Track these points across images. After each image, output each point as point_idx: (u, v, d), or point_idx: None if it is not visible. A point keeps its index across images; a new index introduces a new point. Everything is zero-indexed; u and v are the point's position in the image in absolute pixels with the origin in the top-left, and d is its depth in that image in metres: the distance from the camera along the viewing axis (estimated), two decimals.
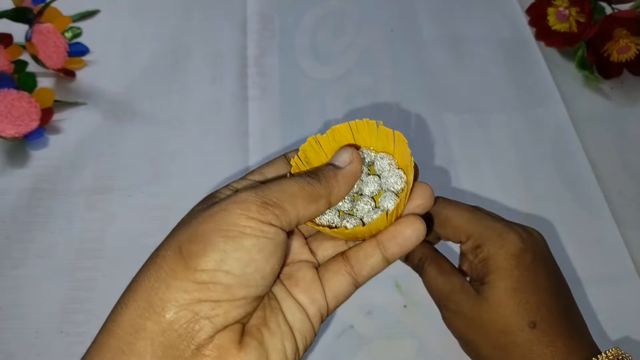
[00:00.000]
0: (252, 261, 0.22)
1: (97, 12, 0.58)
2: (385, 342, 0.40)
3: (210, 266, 0.21)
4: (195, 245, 0.22)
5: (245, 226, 0.22)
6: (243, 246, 0.22)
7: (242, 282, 0.22)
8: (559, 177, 0.48)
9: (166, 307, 0.21)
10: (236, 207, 0.22)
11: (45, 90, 0.48)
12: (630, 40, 0.50)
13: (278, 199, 0.23)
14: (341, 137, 0.29)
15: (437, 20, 0.59)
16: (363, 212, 0.27)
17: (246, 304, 0.22)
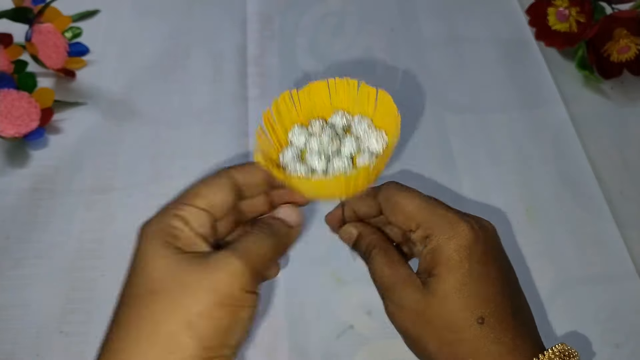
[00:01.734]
0: (245, 332, 0.25)
1: (97, 12, 0.58)
2: (385, 342, 0.40)
3: (218, 342, 0.23)
4: (205, 321, 0.23)
5: (244, 299, 0.24)
6: (242, 319, 0.24)
7: (236, 350, 0.25)
8: (559, 177, 0.48)
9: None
10: (236, 281, 0.24)
11: (45, 90, 0.48)
12: (631, 40, 0.50)
13: (261, 266, 0.25)
14: (317, 96, 0.28)
15: (437, 20, 0.59)
16: (339, 170, 0.26)
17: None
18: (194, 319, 0.23)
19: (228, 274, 0.24)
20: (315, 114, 0.29)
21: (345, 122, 0.28)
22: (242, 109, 0.52)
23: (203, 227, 0.27)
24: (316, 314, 0.41)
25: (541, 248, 0.44)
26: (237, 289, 0.24)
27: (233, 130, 0.50)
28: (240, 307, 0.24)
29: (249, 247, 0.25)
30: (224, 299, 0.23)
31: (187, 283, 0.24)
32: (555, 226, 0.46)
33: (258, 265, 0.25)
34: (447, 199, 0.46)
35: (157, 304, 0.24)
